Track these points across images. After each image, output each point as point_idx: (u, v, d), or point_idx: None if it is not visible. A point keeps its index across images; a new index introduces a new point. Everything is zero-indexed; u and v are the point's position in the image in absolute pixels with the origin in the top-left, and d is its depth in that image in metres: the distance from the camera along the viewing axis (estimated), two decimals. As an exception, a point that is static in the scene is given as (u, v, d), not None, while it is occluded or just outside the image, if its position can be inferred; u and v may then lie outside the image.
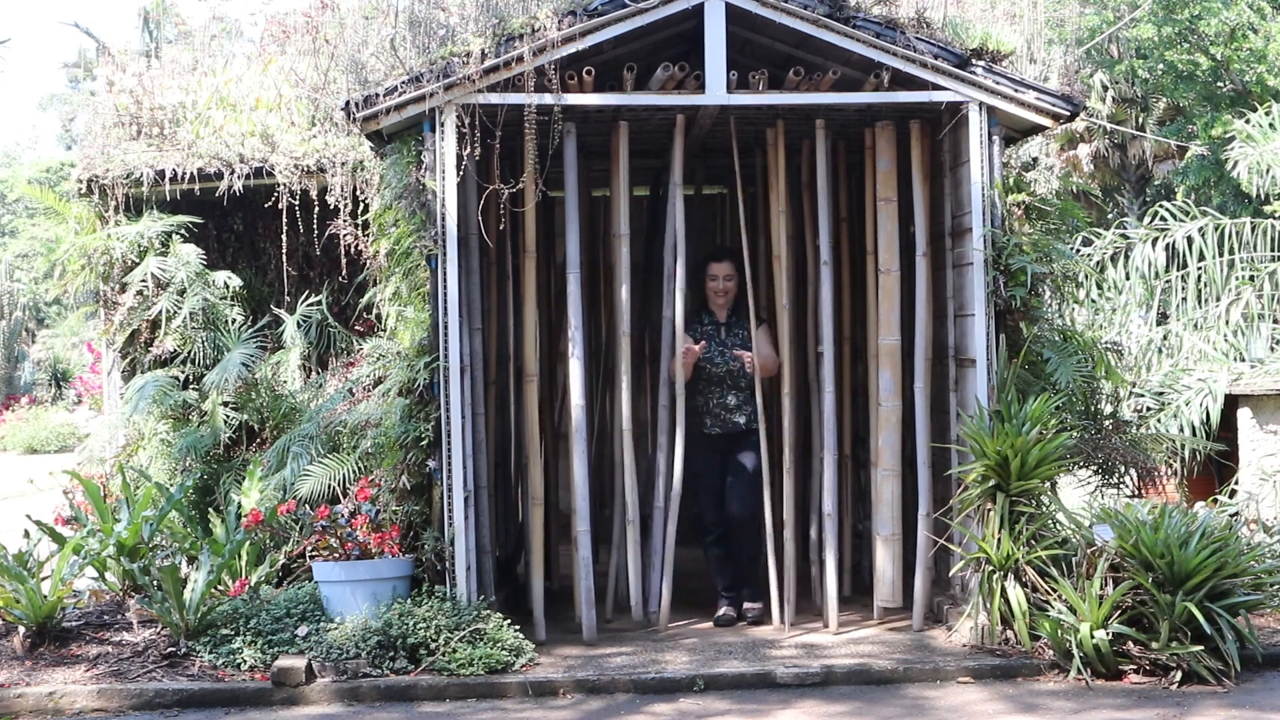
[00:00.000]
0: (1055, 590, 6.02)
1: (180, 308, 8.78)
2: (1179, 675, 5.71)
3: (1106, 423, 7.29)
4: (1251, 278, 10.24)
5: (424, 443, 6.39)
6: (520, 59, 6.34)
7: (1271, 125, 10.80)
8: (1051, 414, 6.29)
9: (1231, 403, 9.26)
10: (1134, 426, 8.05)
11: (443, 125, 6.42)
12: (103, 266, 9.18)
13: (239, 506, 7.38)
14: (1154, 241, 10.58)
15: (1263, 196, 11.91)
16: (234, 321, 8.94)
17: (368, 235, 7.59)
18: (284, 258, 9.28)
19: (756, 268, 8.07)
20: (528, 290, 7.04)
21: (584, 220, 7.37)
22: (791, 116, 7.09)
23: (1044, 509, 6.30)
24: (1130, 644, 5.85)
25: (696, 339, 6.91)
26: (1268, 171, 10.50)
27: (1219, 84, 17.35)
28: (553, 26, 6.31)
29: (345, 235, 7.92)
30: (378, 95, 6.40)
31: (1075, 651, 5.80)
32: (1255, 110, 11.36)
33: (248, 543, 6.99)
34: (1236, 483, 8.97)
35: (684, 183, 7.09)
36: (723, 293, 7.07)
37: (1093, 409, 7.27)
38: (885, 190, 6.98)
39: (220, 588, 6.85)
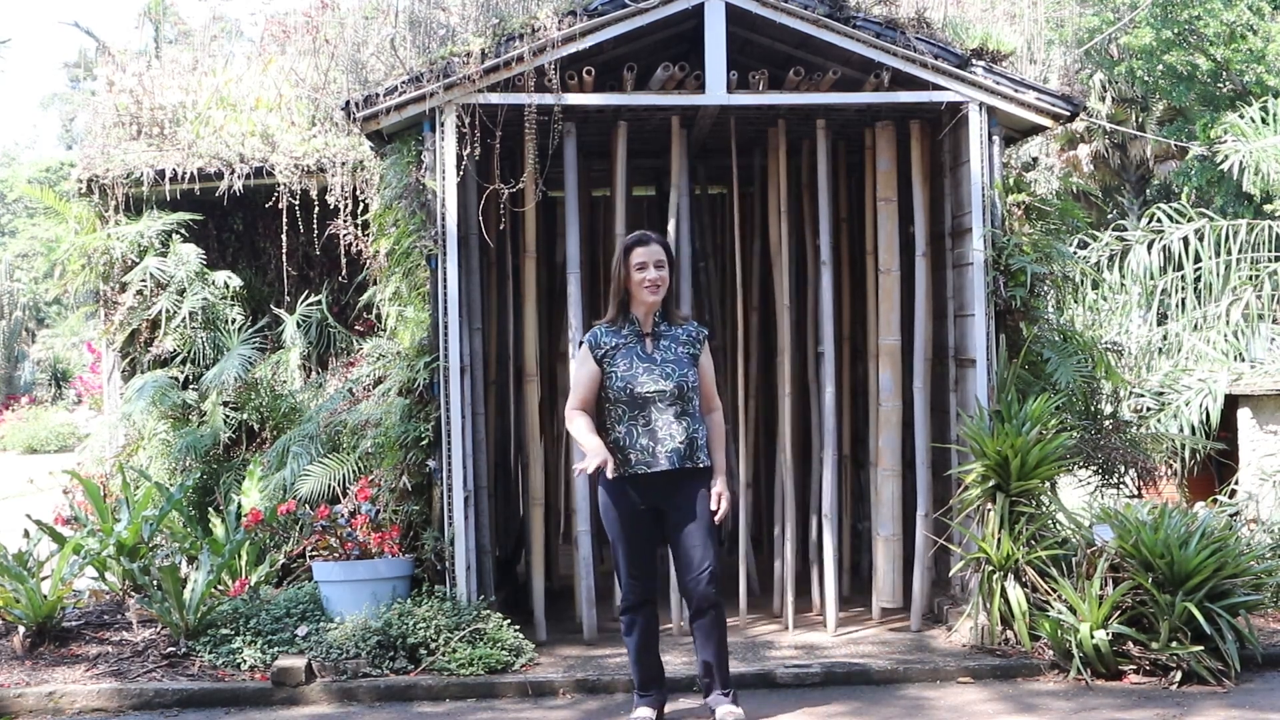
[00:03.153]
0: (1055, 590, 6.02)
1: (180, 307, 8.78)
2: (1179, 675, 5.71)
3: (1106, 423, 7.29)
4: (1252, 278, 10.24)
5: (424, 443, 6.39)
6: (520, 59, 6.34)
7: (1264, 120, 10.81)
8: (1051, 414, 6.29)
9: (1231, 403, 9.26)
10: (1134, 426, 8.05)
11: (443, 125, 6.42)
12: (103, 266, 9.18)
13: (239, 506, 7.39)
14: (1149, 245, 10.58)
15: (1261, 195, 11.91)
16: (234, 321, 8.94)
17: (368, 235, 7.59)
18: (284, 258, 9.29)
19: (756, 268, 8.09)
20: (528, 290, 7.04)
21: (584, 220, 7.37)
22: (792, 116, 7.09)
23: (1044, 509, 6.30)
24: (1130, 644, 5.85)
25: (607, 356, 5.22)
26: (1257, 170, 10.50)
27: (1219, 85, 17.36)
28: (553, 26, 6.31)
29: (345, 235, 7.92)
30: (378, 95, 6.40)
31: (1075, 651, 5.80)
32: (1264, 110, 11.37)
33: (248, 543, 6.99)
34: (1236, 483, 8.97)
35: (685, 183, 7.10)
36: (654, 285, 5.19)
37: (1093, 409, 7.27)
38: (885, 190, 6.98)
39: (220, 587, 6.85)
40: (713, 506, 5.19)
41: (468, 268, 6.65)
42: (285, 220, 9.05)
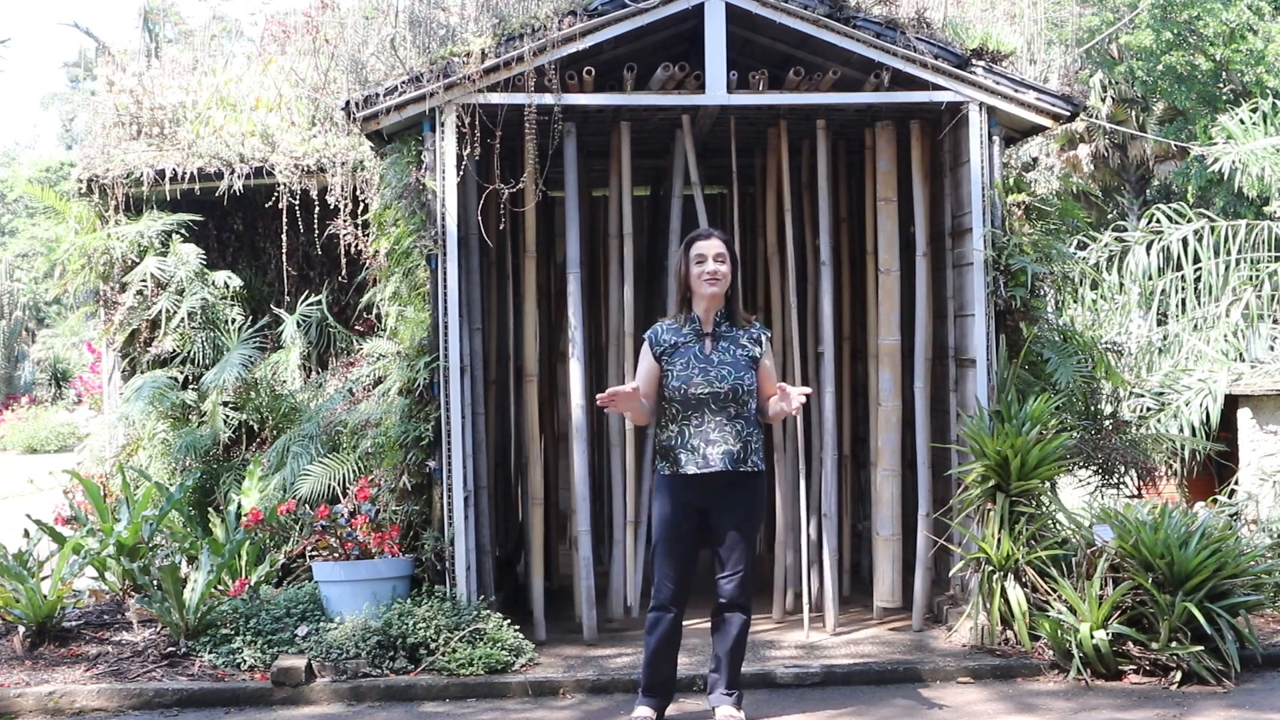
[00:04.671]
0: (1055, 590, 6.02)
1: (180, 307, 8.78)
2: (1179, 675, 5.71)
3: (1106, 423, 7.29)
4: (1251, 278, 10.24)
5: (424, 443, 6.39)
6: (520, 59, 6.34)
7: (1255, 123, 10.82)
8: (1051, 414, 6.29)
9: (1231, 403, 9.26)
10: (1134, 427, 8.05)
11: (443, 125, 6.42)
12: (103, 266, 9.18)
13: (239, 506, 7.39)
14: (1148, 246, 10.59)
15: (1257, 197, 11.91)
16: (234, 321, 8.94)
17: (368, 235, 7.59)
18: (284, 257, 9.29)
19: (756, 268, 8.08)
20: (528, 290, 7.04)
21: (584, 220, 7.37)
22: (792, 116, 7.09)
23: (1044, 509, 6.30)
24: (1130, 644, 5.85)
25: (665, 354, 5.22)
26: (1246, 171, 10.51)
27: (1219, 85, 17.37)
28: (553, 26, 6.31)
29: (345, 235, 7.92)
30: (378, 95, 6.40)
31: (1075, 652, 5.80)
32: (1254, 112, 11.38)
33: (248, 542, 6.99)
34: (1236, 483, 8.97)
35: (686, 183, 7.10)
36: (713, 278, 5.14)
37: (1093, 409, 7.27)
38: (885, 190, 6.98)
39: (220, 587, 6.85)
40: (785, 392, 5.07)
41: (468, 268, 6.65)
42: (285, 220, 9.04)
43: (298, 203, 9.09)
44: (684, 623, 5.29)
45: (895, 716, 5.43)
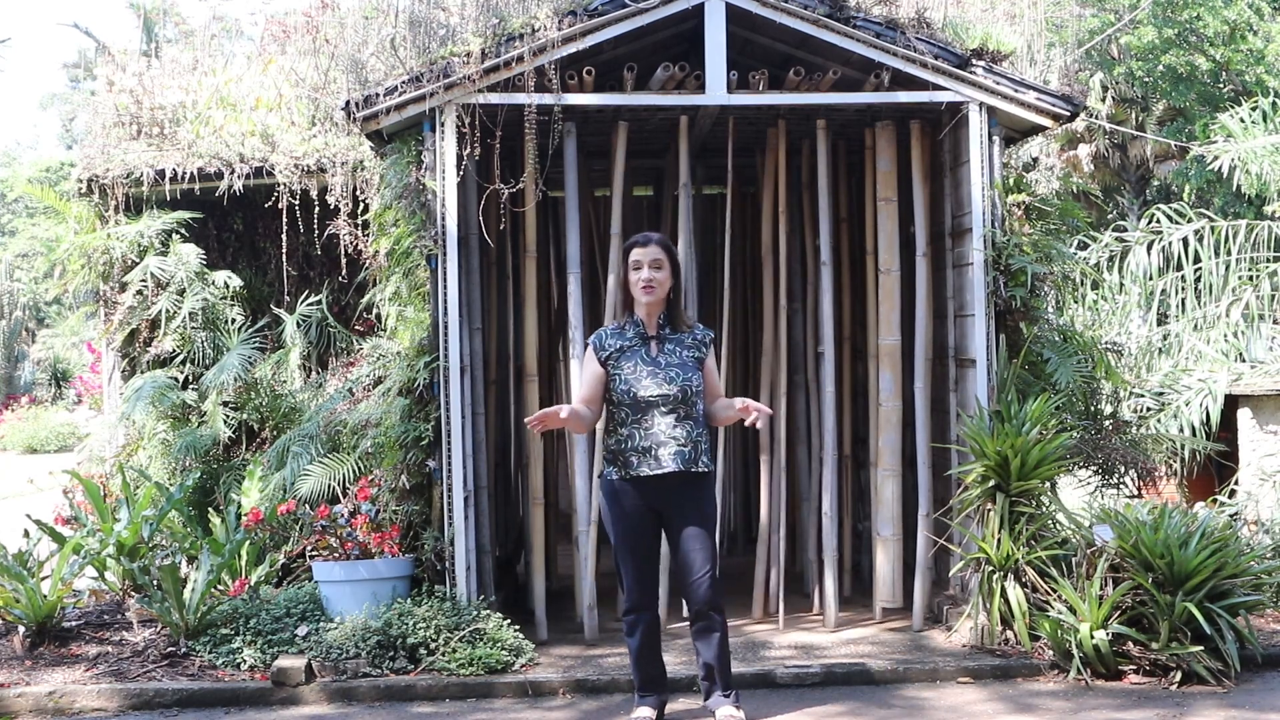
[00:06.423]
0: (1055, 590, 6.02)
1: (180, 307, 8.78)
2: (1179, 675, 5.71)
3: (1106, 423, 7.29)
4: (1251, 278, 10.25)
5: (424, 443, 6.39)
6: (520, 59, 6.34)
7: (1255, 121, 10.82)
8: (1051, 414, 6.29)
9: (1231, 403, 9.26)
10: (1134, 427, 8.05)
11: (443, 125, 6.42)
12: (102, 266, 9.17)
13: (239, 506, 7.39)
14: (1149, 246, 10.59)
15: (1255, 195, 11.92)
16: (234, 321, 8.93)
17: (368, 235, 7.58)
18: (284, 257, 9.28)
19: (756, 268, 8.09)
20: (528, 290, 7.04)
21: (584, 220, 7.37)
22: (792, 116, 7.09)
23: (1044, 509, 6.30)
24: (1130, 644, 5.85)
25: (611, 359, 5.20)
26: (1247, 170, 10.52)
27: (1219, 85, 17.37)
28: (553, 26, 6.31)
29: (345, 235, 7.92)
30: (378, 95, 6.40)
31: (1075, 652, 5.80)
32: (1254, 110, 11.39)
33: (248, 542, 6.99)
34: (1236, 483, 8.97)
35: (688, 182, 7.10)
36: (648, 286, 5.13)
37: (1093, 409, 7.27)
38: (885, 190, 6.98)
39: (220, 587, 6.85)
40: (749, 409, 5.11)
41: (468, 268, 6.65)
42: (285, 220, 9.04)
43: (298, 203, 9.09)
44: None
45: (895, 716, 5.43)
